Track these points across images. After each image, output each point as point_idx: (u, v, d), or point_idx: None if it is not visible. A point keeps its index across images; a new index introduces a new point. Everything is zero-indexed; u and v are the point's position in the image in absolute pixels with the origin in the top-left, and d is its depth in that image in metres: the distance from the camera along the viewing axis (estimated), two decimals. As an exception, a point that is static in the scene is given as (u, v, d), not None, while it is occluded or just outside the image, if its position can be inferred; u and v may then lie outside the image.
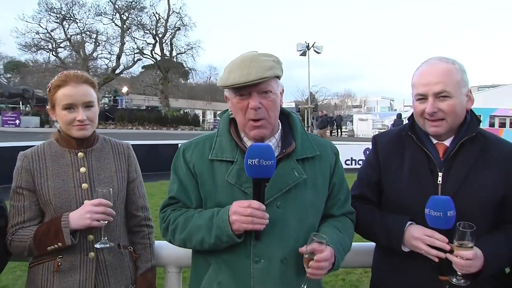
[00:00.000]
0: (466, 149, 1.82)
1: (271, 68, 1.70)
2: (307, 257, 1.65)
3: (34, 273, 1.96)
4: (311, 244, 1.64)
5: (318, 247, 1.63)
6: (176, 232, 1.81)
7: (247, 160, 1.62)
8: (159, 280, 2.25)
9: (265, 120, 1.73)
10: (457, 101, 1.78)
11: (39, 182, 1.93)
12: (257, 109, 1.70)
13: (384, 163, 1.96)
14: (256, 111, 1.70)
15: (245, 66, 1.69)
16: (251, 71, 1.67)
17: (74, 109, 1.93)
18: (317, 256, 1.62)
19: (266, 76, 1.67)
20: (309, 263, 1.64)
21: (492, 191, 1.80)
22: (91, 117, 1.97)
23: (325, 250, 1.64)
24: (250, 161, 1.61)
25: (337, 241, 1.75)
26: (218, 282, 1.77)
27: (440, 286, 1.75)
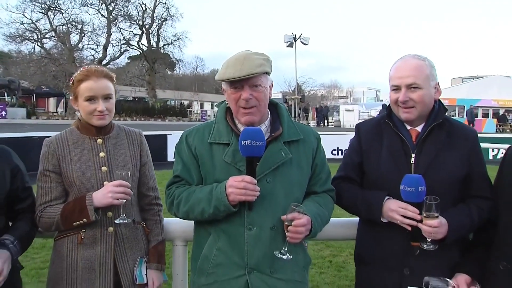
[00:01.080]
0: (434, 134, 2.12)
1: (260, 65, 1.98)
2: (287, 224, 1.93)
3: (59, 246, 2.22)
4: (291, 213, 1.92)
5: (297, 216, 1.92)
6: (180, 205, 2.08)
7: (241, 141, 1.90)
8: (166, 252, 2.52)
9: (255, 108, 2.01)
10: (425, 92, 2.08)
11: (64, 166, 2.18)
12: (248, 100, 1.98)
13: (366, 147, 2.26)
14: (247, 102, 1.98)
15: (238, 63, 1.97)
16: (244, 67, 1.95)
17: (95, 100, 2.18)
18: (295, 222, 1.91)
19: (256, 72, 1.96)
20: (288, 228, 1.92)
21: (457, 169, 2.10)
22: (110, 108, 2.22)
23: (302, 218, 1.92)
24: (244, 142, 1.89)
25: (316, 212, 2.04)
26: (217, 248, 2.06)
27: (413, 251, 2.06)
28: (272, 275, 2.02)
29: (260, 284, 2.00)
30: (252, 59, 1.98)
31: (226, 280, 2.02)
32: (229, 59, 2.03)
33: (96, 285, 2.16)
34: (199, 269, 2.10)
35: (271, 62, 2.07)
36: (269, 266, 2.02)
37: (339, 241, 6.53)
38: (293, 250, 2.01)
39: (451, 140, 2.13)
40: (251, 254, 2.01)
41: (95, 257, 2.18)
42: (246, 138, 1.89)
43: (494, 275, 1.98)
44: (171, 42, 46.85)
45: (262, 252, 2.01)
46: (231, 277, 2.02)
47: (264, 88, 2.03)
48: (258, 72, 1.97)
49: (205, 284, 2.06)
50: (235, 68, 1.96)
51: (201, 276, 2.08)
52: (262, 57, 2.03)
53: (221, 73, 2.01)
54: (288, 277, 2.06)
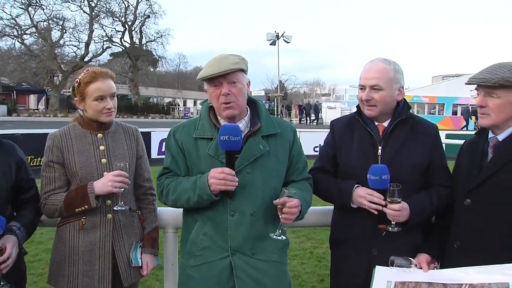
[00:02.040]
0: (399, 128, 2.39)
1: (236, 63, 2.21)
2: (280, 207, 2.15)
3: (62, 231, 2.43)
4: (283, 197, 2.15)
5: (288, 199, 2.14)
6: (169, 194, 2.31)
7: (220, 137, 2.11)
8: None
9: (234, 103, 2.23)
10: (387, 93, 2.34)
11: (67, 157, 2.39)
12: (227, 95, 2.20)
13: (339, 142, 2.51)
14: (226, 97, 2.21)
15: (216, 63, 2.21)
16: (221, 65, 2.18)
17: (103, 100, 2.39)
18: (289, 204, 2.13)
19: (232, 68, 2.18)
20: (282, 210, 2.15)
21: (419, 160, 2.36)
22: (115, 105, 2.45)
23: (293, 200, 2.15)
24: (222, 137, 2.10)
25: (301, 196, 2.27)
26: (203, 233, 2.28)
27: (379, 232, 2.32)
28: (253, 256, 2.24)
29: (242, 264, 2.22)
30: (229, 58, 2.22)
31: (212, 262, 2.24)
32: (208, 61, 2.26)
33: (96, 267, 2.38)
34: (187, 252, 2.32)
35: (246, 62, 2.29)
36: (250, 248, 2.24)
37: (319, 234, 6.83)
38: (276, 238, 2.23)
39: (414, 134, 2.39)
40: (233, 238, 2.23)
41: (95, 241, 2.39)
42: (225, 134, 2.10)
43: (450, 253, 2.25)
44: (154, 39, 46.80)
45: (243, 236, 2.24)
46: (217, 259, 2.24)
47: (241, 85, 2.25)
48: (234, 69, 2.19)
49: (194, 265, 2.28)
50: (213, 66, 2.19)
51: (190, 259, 2.30)
52: (237, 57, 2.26)
53: (202, 73, 2.24)
54: (267, 258, 2.28)
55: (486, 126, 2.18)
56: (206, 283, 2.24)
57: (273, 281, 2.27)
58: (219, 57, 2.25)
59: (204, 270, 2.25)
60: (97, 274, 2.38)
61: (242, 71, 2.25)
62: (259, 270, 2.24)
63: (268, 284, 2.25)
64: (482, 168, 2.18)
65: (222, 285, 2.22)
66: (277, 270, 2.31)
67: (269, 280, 2.26)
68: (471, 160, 2.25)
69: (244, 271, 2.22)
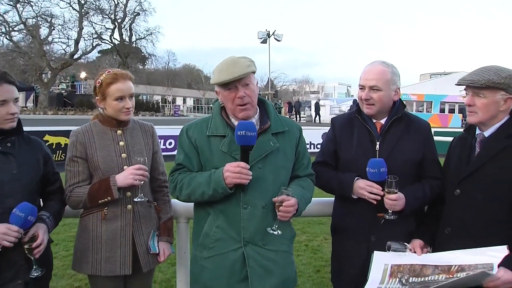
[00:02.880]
0: (395, 125, 2.61)
1: (248, 66, 2.35)
2: (278, 205, 2.32)
3: (85, 221, 2.62)
4: (281, 196, 2.31)
5: (286, 198, 2.30)
6: (182, 189, 2.43)
7: (237, 132, 2.24)
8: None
9: (249, 104, 2.40)
10: (385, 94, 2.56)
11: (90, 152, 2.58)
12: (243, 98, 2.37)
13: (339, 137, 2.73)
14: (242, 99, 2.37)
15: (230, 68, 2.32)
16: (235, 70, 2.30)
17: (123, 99, 2.57)
18: (285, 203, 2.29)
19: (246, 72, 2.32)
20: (279, 208, 2.32)
21: (413, 155, 2.58)
22: (133, 105, 2.63)
23: (291, 199, 2.31)
24: (240, 133, 2.24)
25: (300, 194, 2.42)
26: (216, 225, 2.42)
27: (378, 220, 2.55)
28: (264, 247, 2.40)
29: (254, 254, 2.38)
30: (240, 62, 2.35)
31: (226, 253, 2.38)
32: (219, 65, 2.39)
33: (117, 254, 2.57)
34: (201, 245, 2.47)
35: (254, 62, 2.44)
36: (261, 239, 2.39)
37: (314, 227, 7.06)
38: (281, 226, 2.39)
39: (409, 131, 2.62)
40: (246, 230, 2.37)
41: (117, 230, 2.58)
42: (242, 129, 2.24)
43: (441, 238, 2.47)
44: (144, 37, 46.68)
45: (255, 228, 2.38)
46: (230, 250, 2.38)
47: (253, 86, 2.40)
48: (247, 72, 2.33)
49: (207, 257, 2.42)
50: (228, 71, 2.32)
51: (203, 251, 2.44)
52: (248, 60, 2.40)
53: (216, 78, 2.37)
54: (276, 248, 2.44)
55: (474, 123, 2.40)
56: (220, 273, 2.39)
57: (281, 269, 2.44)
58: (231, 61, 2.37)
59: (218, 261, 2.40)
60: (118, 260, 2.57)
61: (253, 72, 2.41)
62: (269, 260, 2.41)
63: (277, 272, 2.42)
64: (470, 161, 2.40)
65: (235, 274, 2.37)
66: (285, 259, 2.49)
67: (278, 268, 2.43)
68: (460, 154, 2.48)
69: (255, 261, 2.38)
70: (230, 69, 2.33)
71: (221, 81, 2.34)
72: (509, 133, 2.30)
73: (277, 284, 2.42)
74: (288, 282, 2.50)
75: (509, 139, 2.29)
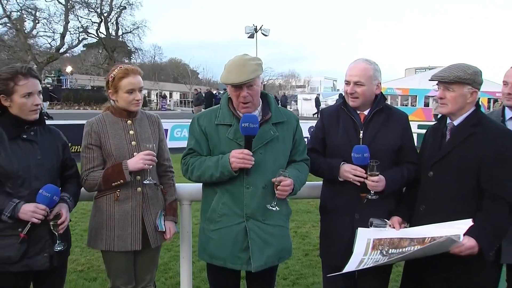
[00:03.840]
0: (376, 116, 2.92)
1: (255, 71, 2.64)
2: (276, 184, 2.66)
3: (99, 202, 2.90)
4: (279, 177, 2.65)
5: (283, 178, 2.64)
6: (194, 171, 2.77)
7: (241, 124, 2.59)
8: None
9: (251, 103, 2.72)
10: (367, 88, 2.87)
11: (104, 141, 2.85)
12: (245, 97, 2.68)
13: (327, 126, 3.04)
14: (245, 98, 2.69)
15: (239, 70, 2.61)
16: (242, 74, 2.60)
17: (133, 92, 2.85)
18: (282, 183, 2.64)
19: (252, 78, 2.62)
20: (277, 187, 2.65)
21: (393, 142, 2.90)
22: (142, 97, 2.92)
23: (287, 180, 2.64)
24: (244, 124, 2.58)
25: (296, 176, 2.76)
26: (222, 202, 2.76)
27: (361, 200, 2.86)
28: (263, 222, 2.75)
29: (254, 228, 2.72)
30: (248, 65, 2.63)
31: (230, 226, 2.73)
32: (230, 64, 2.69)
33: (128, 232, 2.86)
34: (208, 219, 2.81)
35: (262, 64, 2.74)
36: (261, 215, 2.73)
37: (302, 216, 7.40)
38: (279, 203, 2.74)
39: (389, 121, 2.94)
40: (248, 206, 2.71)
41: (128, 210, 2.86)
42: (246, 121, 2.58)
43: (416, 215, 2.80)
44: (131, 31, 46.50)
45: (256, 205, 2.71)
46: (233, 224, 2.73)
47: (257, 87, 2.71)
48: (253, 78, 2.63)
49: (214, 229, 2.77)
50: (236, 74, 2.62)
51: (210, 224, 2.79)
52: (255, 62, 2.67)
53: (225, 77, 2.68)
54: (274, 223, 2.79)
55: (445, 113, 2.74)
56: (224, 243, 2.74)
57: (278, 241, 2.80)
58: (241, 63, 2.64)
59: (223, 233, 2.75)
60: (129, 237, 2.86)
61: (258, 76, 2.70)
62: (268, 233, 2.76)
63: (274, 243, 2.77)
64: (441, 147, 2.73)
65: (238, 244, 2.72)
66: (282, 233, 2.84)
67: (275, 240, 2.78)
68: (433, 141, 2.82)
69: (256, 234, 2.72)
70: (239, 72, 2.63)
71: (229, 82, 2.67)
72: (474, 122, 2.64)
73: (274, 253, 2.77)
74: (283, 252, 2.85)
75: (474, 127, 2.63)
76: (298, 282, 4.83)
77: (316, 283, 4.66)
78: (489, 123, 2.67)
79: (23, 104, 2.55)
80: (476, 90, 2.64)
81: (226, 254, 2.75)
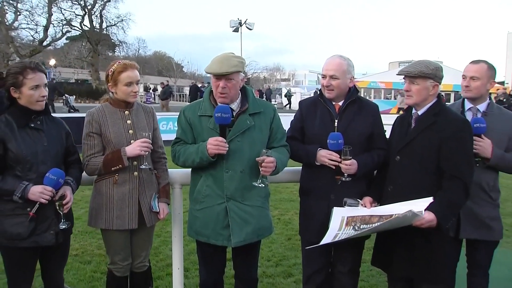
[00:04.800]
0: (350, 107, 3.24)
1: (234, 66, 2.93)
2: (260, 162, 2.96)
3: (99, 185, 3.18)
4: (263, 156, 2.96)
5: (266, 157, 2.94)
6: (180, 157, 3.11)
7: (215, 114, 2.90)
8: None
9: (227, 94, 3.01)
10: (342, 81, 3.18)
11: (104, 129, 3.12)
12: (223, 88, 2.99)
13: (305, 116, 3.35)
14: (222, 89, 2.98)
15: (221, 62, 2.94)
16: (223, 66, 2.91)
17: (131, 85, 3.12)
18: (266, 159, 2.94)
19: (230, 71, 2.92)
20: (262, 164, 2.95)
21: (364, 130, 3.22)
22: (138, 90, 3.20)
23: (270, 157, 2.95)
24: (217, 114, 2.89)
25: (277, 156, 3.04)
26: (206, 185, 3.08)
27: (336, 182, 3.17)
28: (242, 202, 3.05)
29: (234, 208, 3.03)
30: (231, 61, 2.94)
31: (212, 206, 3.05)
32: (215, 57, 3.01)
33: (126, 212, 3.13)
34: (194, 199, 3.14)
35: (244, 63, 3.06)
36: (240, 196, 3.04)
37: (285, 204, 7.76)
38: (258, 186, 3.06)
39: (361, 111, 3.26)
40: (228, 189, 3.02)
41: (125, 192, 3.14)
42: (218, 111, 2.89)
43: (385, 195, 3.12)
44: (115, 24, 46.23)
45: (235, 187, 3.02)
46: (215, 204, 3.05)
47: (235, 81, 2.99)
48: (232, 71, 2.93)
49: (199, 209, 3.09)
50: (217, 65, 2.93)
51: (196, 204, 3.12)
52: (238, 60, 2.99)
53: (208, 67, 2.99)
54: (252, 203, 3.08)
55: (410, 104, 3.07)
56: (208, 222, 3.06)
57: (256, 220, 3.10)
58: (225, 57, 2.97)
59: (207, 212, 3.07)
60: (127, 217, 3.14)
61: (238, 71, 2.99)
62: (246, 212, 3.06)
63: (253, 222, 3.08)
64: (407, 134, 3.07)
65: (219, 223, 3.04)
66: (260, 212, 3.14)
67: (253, 219, 3.08)
68: (401, 129, 3.15)
69: (235, 213, 3.04)
70: (219, 64, 2.94)
71: (210, 71, 2.98)
72: (435, 111, 2.98)
73: (252, 231, 3.08)
74: (262, 230, 3.16)
75: (436, 116, 2.96)
76: (281, 263, 5.18)
77: (297, 264, 4.99)
78: (448, 113, 3.01)
79: (31, 96, 2.82)
80: (437, 84, 2.97)
81: (209, 231, 3.07)
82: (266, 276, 4.76)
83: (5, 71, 2.88)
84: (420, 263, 2.97)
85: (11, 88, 2.81)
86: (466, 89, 3.34)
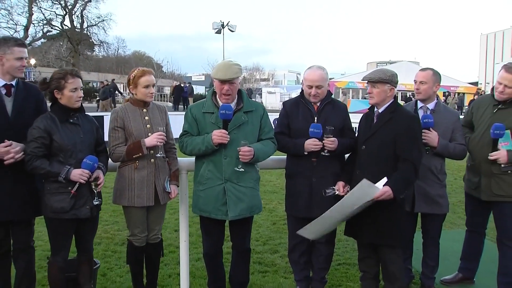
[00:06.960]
0: (326, 107, 4.01)
1: (236, 72, 3.62)
2: (239, 151, 3.58)
3: (123, 170, 3.85)
4: (240, 146, 3.58)
5: (243, 147, 3.57)
6: (187, 147, 3.77)
7: (220, 111, 3.57)
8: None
9: (230, 95, 3.74)
10: (324, 89, 3.95)
11: (127, 124, 3.80)
12: (227, 91, 3.69)
13: (290, 114, 4.09)
14: (227, 91, 3.69)
15: (225, 70, 3.60)
16: (227, 73, 3.57)
17: (148, 87, 3.81)
18: (242, 149, 3.56)
19: (233, 77, 3.61)
20: (239, 153, 3.58)
21: (338, 124, 3.96)
22: (154, 91, 3.89)
23: (245, 147, 3.55)
24: (222, 111, 3.56)
25: (258, 146, 3.66)
26: (208, 169, 3.73)
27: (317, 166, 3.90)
28: (237, 184, 3.70)
29: (231, 188, 3.67)
30: (232, 68, 3.60)
31: (213, 187, 3.69)
32: (218, 65, 3.71)
33: (144, 192, 3.81)
34: (198, 182, 3.82)
35: (241, 69, 3.78)
36: (236, 178, 3.68)
37: (270, 195, 8.53)
38: (249, 170, 3.75)
39: (334, 110, 4.03)
40: (225, 172, 3.67)
41: (144, 176, 3.82)
42: (223, 109, 3.56)
43: (354, 178, 3.84)
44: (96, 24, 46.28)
45: (231, 171, 3.67)
46: (215, 185, 3.69)
47: (237, 85, 3.67)
48: (235, 77, 3.62)
49: (202, 189, 3.75)
50: (223, 72, 3.59)
51: (199, 185, 3.79)
52: (238, 67, 3.65)
53: (214, 74, 3.63)
54: (246, 185, 3.73)
55: (372, 104, 3.84)
56: (209, 200, 3.72)
57: (249, 198, 3.75)
58: (227, 65, 3.63)
59: (208, 192, 3.72)
60: (145, 196, 3.82)
61: (238, 77, 3.67)
62: (241, 192, 3.72)
63: (246, 200, 3.73)
64: (371, 128, 3.84)
65: (219, 201, 3.69)
66: (252, 193, 3.81)
67: (246, 198, 3.74)
68: (366, 123, 3.92)
69: (232, 192, 3.69)
70: (224, 71, 3.61)
71: (216, 77, 3.67)
72: (392, 110, 3.76)
73: (245, 207, 3.78)
74: (254, 207, 3.87)
75: (392, 113, 3.74)
76: (268, 242, 5.96)
77: (282, 243, 5.79)
78: (402, 111, 3.80)
79: (71, 97, 3.51)
80: (393, 87, 3.76)
81: (210, 208, 3.74)
82: (256, 252, 5.51)
83: (48, 77, 3.57)
84: (383, 232, 3.69)
85: (54, 90, 3.50)
86: (417, 92, 4.17)
